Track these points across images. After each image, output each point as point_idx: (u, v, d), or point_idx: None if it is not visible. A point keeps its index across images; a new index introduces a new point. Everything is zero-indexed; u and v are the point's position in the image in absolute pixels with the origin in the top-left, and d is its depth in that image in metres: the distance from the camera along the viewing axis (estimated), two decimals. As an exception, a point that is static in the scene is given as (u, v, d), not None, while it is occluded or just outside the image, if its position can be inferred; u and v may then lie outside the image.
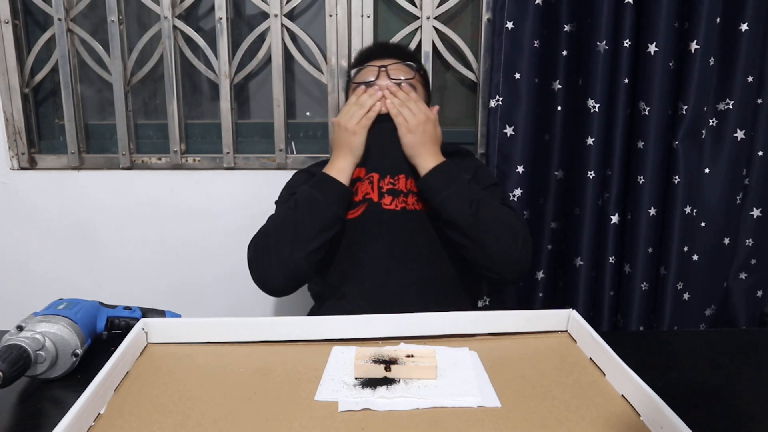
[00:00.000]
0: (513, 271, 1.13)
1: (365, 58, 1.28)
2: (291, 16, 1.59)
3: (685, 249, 1.46)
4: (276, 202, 1.24)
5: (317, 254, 1.11)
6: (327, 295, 1.22)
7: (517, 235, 1.10)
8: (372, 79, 1.20)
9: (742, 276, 1.57)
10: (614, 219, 1.46)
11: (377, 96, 1.17)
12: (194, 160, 1.63)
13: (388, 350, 0.77)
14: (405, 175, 1.17)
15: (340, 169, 1.15)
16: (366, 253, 1.16)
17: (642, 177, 1.41)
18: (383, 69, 1.20)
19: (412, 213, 1.16)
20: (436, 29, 1.56)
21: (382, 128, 1.16)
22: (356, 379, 0.72)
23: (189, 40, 1.59)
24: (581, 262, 1.47)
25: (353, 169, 1.16)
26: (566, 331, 0.87)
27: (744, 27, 1.38)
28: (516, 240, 1.10)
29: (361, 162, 1.17)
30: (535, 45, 1.43)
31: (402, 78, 1.20)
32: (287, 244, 1.09)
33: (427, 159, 1.13)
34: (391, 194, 1.16)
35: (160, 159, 1.63)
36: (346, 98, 1.28)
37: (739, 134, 1.45)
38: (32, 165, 1.63)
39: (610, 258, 1.47)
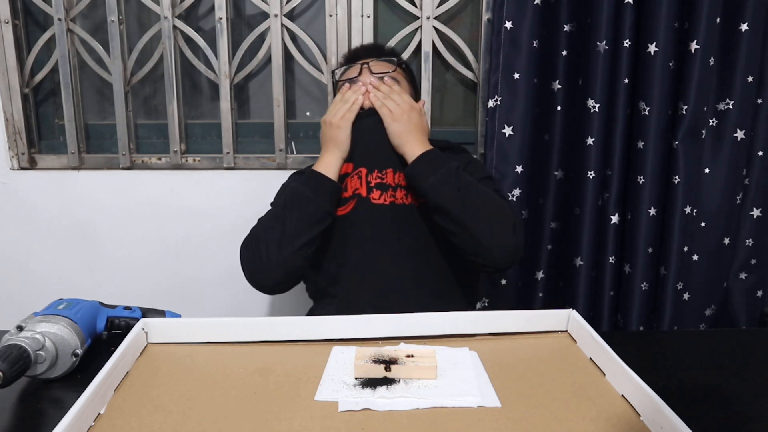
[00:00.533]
0: (505, 257, 1.09)
1: (349, 59, 1.32)
2: (291, 16, 1.59)
3: (685, 249, 1.46)
4: (271, 204, 1.24)
5: (308, 248, 1.11)
6: (322, 294, 1.22)
7: (507, 220, 1.08)
8: (355, 75, 1.24)
9: (742, 276, 1.57)
10: (614, 219, 1.46)
11: (361, 91, 1.20)
12: (194, 160, 1.63)
13: (388, 350, 0.77)
14: (393, 169, 1.18)
15: (327, 164, 1.16)
16: (358, 249, 1.17)
17: (642, 177, 1.41)
18: (365, 65, 1.23)
19: (401, 207, 1.17)
20: (436, 29, 1.55)
21: (369, 123, 1.18)
22: (356, 379, 0.72)
23: (189, 40, 1.59)
24: (581, 262, 1.47)
25: (340, 163, 1.18)
26: (566, 331, 0.87)
27: (744, 27, 1.38)
28: (506, 225, 1.08)
29: (349, 157, 1.19)
30: (534, 45, 1.43)
31: (384, 72, 1.23)
32: (277, 240, 1.09)
33: (414, 147, 1.14)
34: (380, 188, 1.17)
35: (160, 159, 1.63)
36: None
37: (739, 134, 1.45)
38: (32, 165, 1.63)
39: (610, 258, 1.47)
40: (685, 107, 1.38)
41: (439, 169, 1.10)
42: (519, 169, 1.47)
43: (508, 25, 1.41)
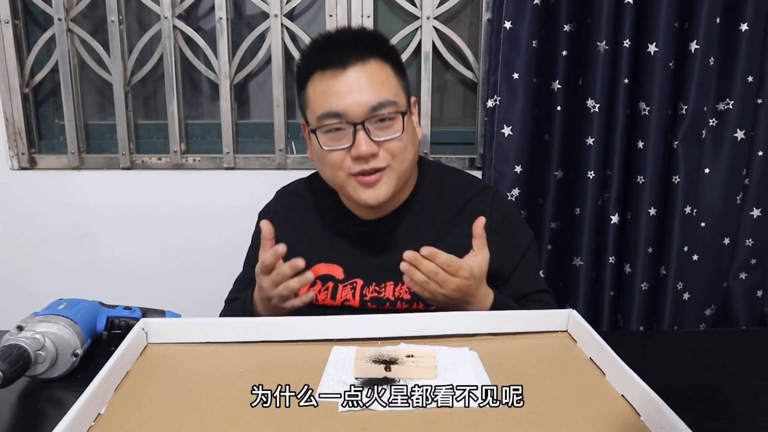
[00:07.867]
0: None
1: (333, 112, 0.89)
2: (291, 16, 1.59)
3: (685, 249, 1.46)
4: (245, 259, 1.13)
5: None
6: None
7: None
8: (347, 146, 0.90)
9: (742, 276, 1.57)
10: (614, 219, 1.46)
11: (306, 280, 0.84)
12: (194, 160, 1.63)
13: (388, 350, 0.77)
14: (394, 282, 0.97)
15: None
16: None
17: (642, 177, 1.41)
18: (359, 127, 0.89)
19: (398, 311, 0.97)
20: (436, 29, 1.55)
21: (368, 233, 1.00)
22: (356, 379, 0.72)
23: (189, 40, 1.59)
24: (581, 262, 1.47)
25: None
26: (566, 331, 0.86)
27: (744, 27, 1.38)
28: None
29: (338, 259, 0.99)
30: (534, 45, 1.43)
31: (391, 137, 0.90)
32: None
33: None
34: (376, 302, 0.98)
35: (160, 159, 1.63)
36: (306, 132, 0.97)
37: (739, 134, 1.45)
38: (32, 165, 1.63)
39: (610, 258, 1.47)
40: (685, 107, 1.38)
41: None
42: (518, 169, 1.47)
43: (508, 25, 1.41)
